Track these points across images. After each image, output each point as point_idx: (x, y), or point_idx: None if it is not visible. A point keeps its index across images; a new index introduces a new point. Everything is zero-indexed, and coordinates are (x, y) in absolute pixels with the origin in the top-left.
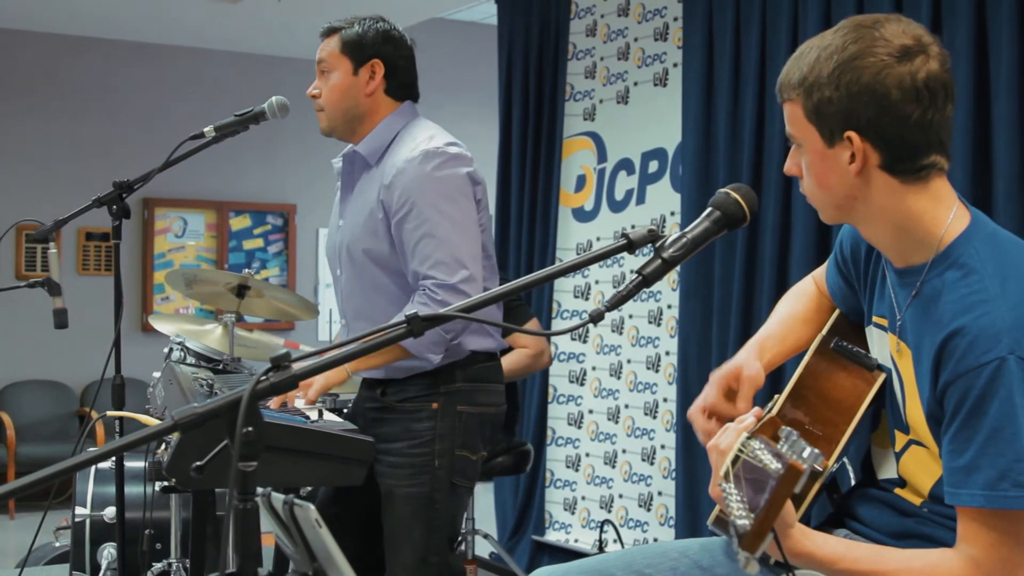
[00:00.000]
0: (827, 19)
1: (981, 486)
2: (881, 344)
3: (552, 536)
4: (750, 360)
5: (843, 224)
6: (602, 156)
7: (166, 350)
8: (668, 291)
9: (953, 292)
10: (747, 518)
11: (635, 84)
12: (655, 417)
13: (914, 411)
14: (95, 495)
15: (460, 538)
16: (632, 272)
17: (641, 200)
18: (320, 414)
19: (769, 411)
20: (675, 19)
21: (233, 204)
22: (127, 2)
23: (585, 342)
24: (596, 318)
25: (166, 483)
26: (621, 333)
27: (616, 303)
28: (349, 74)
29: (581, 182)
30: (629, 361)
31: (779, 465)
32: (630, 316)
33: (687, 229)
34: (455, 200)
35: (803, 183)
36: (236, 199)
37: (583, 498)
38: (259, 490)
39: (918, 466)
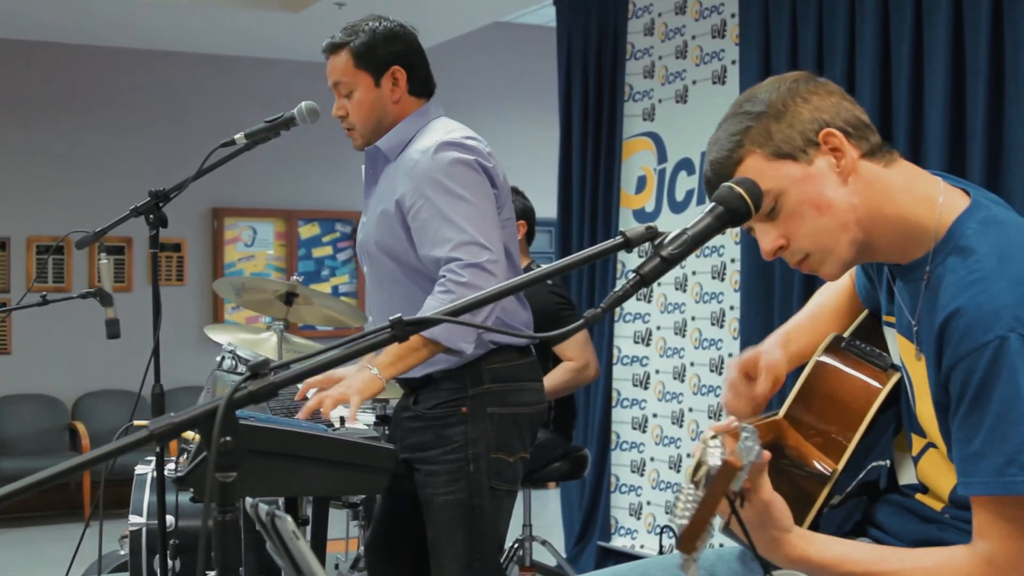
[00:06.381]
0: (884, 12)
1: (989, 472)
2: (894, 344)
3: (618, 542)
4: (771, 348)
5: None
6: (662, 156)
7: (218, 359)
8: (730, 292)
9: (953, 275)
10: (686, 517)
11: (693, 83)
12: (719, 421)
13: (925, 412)
14: (151, 503)
15: (517, 544)
16: (695, 273)
17: (702, 200)
18: (342, 421)
19: (772, 414)
20: (732, 15)
21: (302, 212)
22: (187, 15)
23: (648, 345)
24: (593, 320)
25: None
26: (684, 336)
27: (612, 304)
28: (371, 88)
29: (642, 183)
30: (692, 364)
31: (718, 462)
32: (692, 318)
33: (688, 226)
34: (470, 185)
35: (795, 248)
36: (304, 207)
37: (648, 503)
38: (249, 501)
39: (936, 470)
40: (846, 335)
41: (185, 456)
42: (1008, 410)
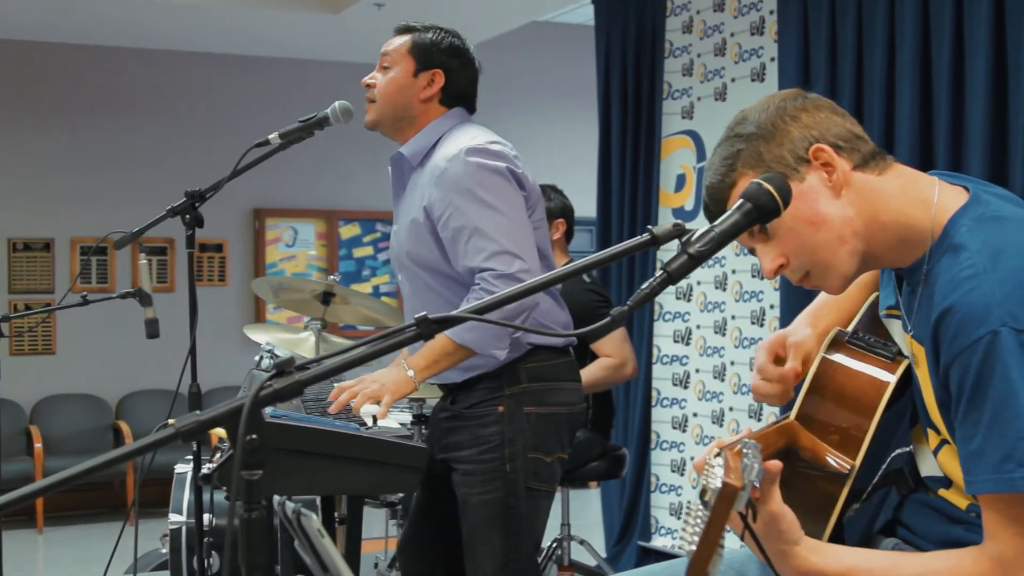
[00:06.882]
0: (924, 8)
1: (988, 470)
2: (900, 337)
3: (658, 542)
4: (799, 327)
5: None
6: (701, 155)
7: (256, 358)
8: (770, 290)
9: (946, 273)
10: (694, 543)
11: (732, 80)
12: (760, 420)
13: (934, 410)
14: (191, 502)
15: (555, 544)
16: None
17: None
18: (374, 420)
19: (784, 417)
20: (771, 12)
21: (342, 212)
22: (228, 17)
23: (688, 344)
24: (619, 317)
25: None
26: (724, 335)
27: (640, 301)
28: (409, 74)
29: (681, 182)
30: (732, 363)
31: (719, 484)
32: (732, 317)
33: (716, 223)
34: (499, 192)
35: (795, 265)
36: (345, 207)
37: (688, 503)
38: (277, 498)
39: (955, 464)
40: (851, 326)
41: (220, 455)
42: (1003, 406)
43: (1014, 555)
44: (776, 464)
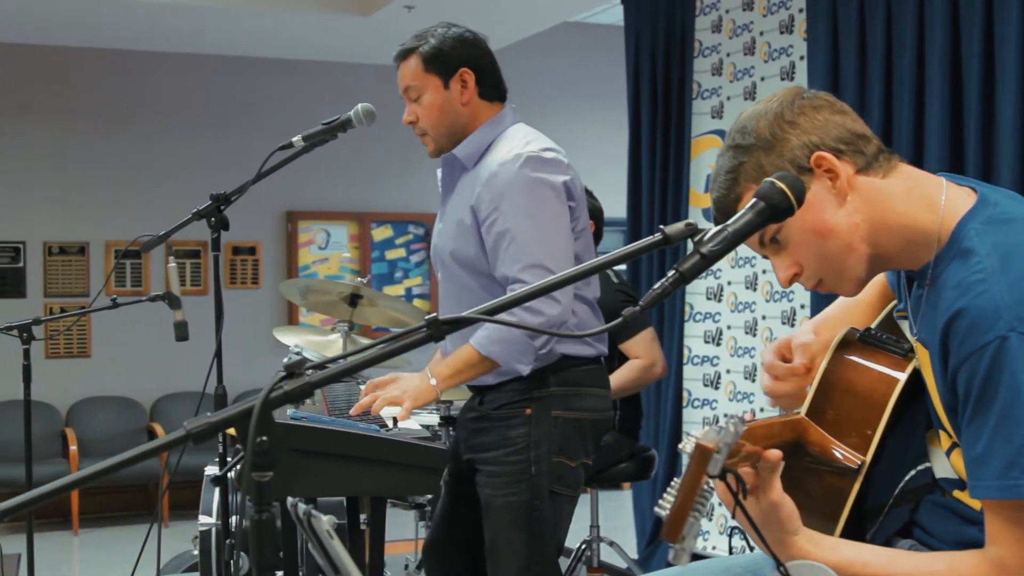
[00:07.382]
0: (954, 5)
1: (993, 476)
2: (909, 337)
3: None
4: (803, 332)
5: None
6: None
7: (284, 360)
8: (800, 290)
9: (954, 278)
10: (666, 508)
11: (762, 79)
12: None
13: (943, 412)
14: (221, 504)
15: (585, 546)
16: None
17: None
18: (395, 422)
19: (793, 412)
20: (800, 11)
21: (375, 215)
22: (259, 20)
23: (719, 344)
24: (631, 318)
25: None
26: (755, 335)
27: (651, 302)
28: (440, 90)
29: (710, 182)
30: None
31: (692, 448)
32: (763, 317)
33: (729, 222)
34: (545, 204)
35: (808, 274)
36: (377, 210)
37: (719, 504)
38: (289, 500)
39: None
40: (872, 327)
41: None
42: (1009, 412)
43: (1015, 560)
44: (775, 453)
